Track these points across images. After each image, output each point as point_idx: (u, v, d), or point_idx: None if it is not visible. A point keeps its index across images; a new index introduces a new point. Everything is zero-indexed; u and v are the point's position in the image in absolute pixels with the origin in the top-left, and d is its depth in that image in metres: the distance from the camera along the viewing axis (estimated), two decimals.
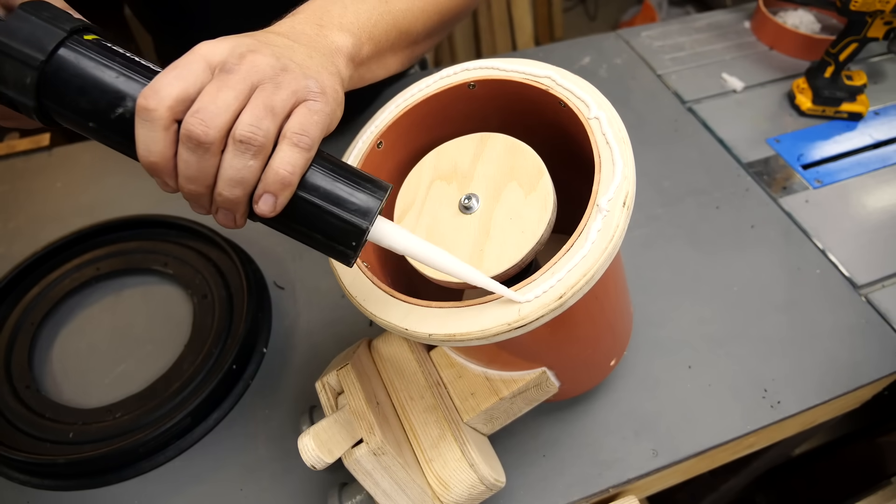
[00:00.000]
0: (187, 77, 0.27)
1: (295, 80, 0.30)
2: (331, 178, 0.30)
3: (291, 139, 0.28)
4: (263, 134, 0.28)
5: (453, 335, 0.31)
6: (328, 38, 0.36)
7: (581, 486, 0.48)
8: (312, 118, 0.29)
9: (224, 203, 0.29)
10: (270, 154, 0.28)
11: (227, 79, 0.28)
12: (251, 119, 0.27)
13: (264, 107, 0.28)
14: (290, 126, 0.29)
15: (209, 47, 0.29)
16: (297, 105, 0.30)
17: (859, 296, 0.59)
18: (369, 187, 0.30)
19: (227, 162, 0.28)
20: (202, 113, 0.27)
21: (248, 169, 0.28)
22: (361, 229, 0.29)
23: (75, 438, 0.51)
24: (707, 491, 0.87)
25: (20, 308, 0.61)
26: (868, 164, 0.72)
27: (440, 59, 1.95)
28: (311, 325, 0.60)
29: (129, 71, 0.28)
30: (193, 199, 0.30)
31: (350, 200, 0.29)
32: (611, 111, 0.34)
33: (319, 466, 0.39)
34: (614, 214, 0.30)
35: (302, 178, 0.29)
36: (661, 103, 0.81)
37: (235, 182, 0.28)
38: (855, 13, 0.68)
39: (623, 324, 0.47)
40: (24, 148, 0.80)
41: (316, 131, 0.29)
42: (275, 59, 0.30)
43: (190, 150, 0.27)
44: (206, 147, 0.27)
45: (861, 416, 0.67)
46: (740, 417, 0.51)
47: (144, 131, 0.27)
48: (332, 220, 0.29)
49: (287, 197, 0.29)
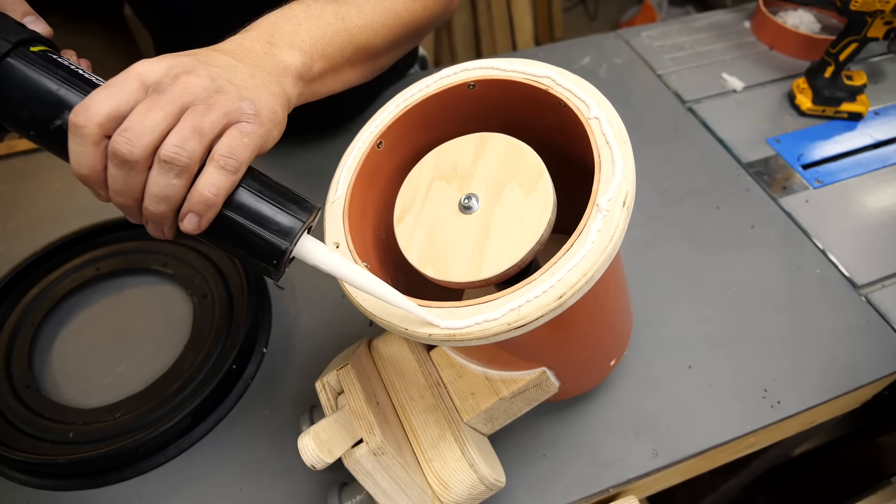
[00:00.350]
0: (119, 95, 0.28)
1: (228, 101, 0.30)
2: (257, 198, 0.31)
3: (218, 161, 0.29)
4: (188, 155, 0.28)
5: (453, 335, 0.31)
6: (277, 57, 0.37)
7: (581, 486, 0.48)
8: (242, 140, 0.30)
9: (151, 217, 0.30)
10: (198, 173, 0.29)
11: (158, 99, 0.28)
12: (177, 140, 0.28)
13: (192, 128, 0.29)
14: (219, 148, 0.29)
15: (146, 66, 0.30)
16: (229, 126, 0.30)
17: (859, 296, 0.59)
18: (294, 209, 0.31)
19: (152, 179, 0.29)
20: (129, 132, 0.28)
21: (172, 187, 0.29)
22: (281, 250, 0.30)
23: (75, 438, 0.51)
24: (707, 491, 0.87)
25: (20, 308, 0.61)
26: (868, 164, 0.72)
27: (440, 59, 1.95)
28: (310, 325, 0.60)
29: (69, 85, 0.29)
30: (124, 210, 0.31)
31: (274, 220, 0.30)
32: (611, 111, 0.34)
33: (319, 466, 0.39)
34: (614, 214, 0.30)
35: (229, 197, 0.30)
36: (661, 103, 0.81)
37: (160, 199, 0.29)
38: (855, 13, 0.68)
39: (623, 324, 0.47)
40: (24, 148, 0.80)
41: (244, 154, 0.30)
42: (209, 80, 0.30)
43: (117, 167, 0.28)
44: (132, 165, 0.28)
45: (861, 416, 0.67)
46: (740, 417, 0.51)
47: (75, 146, 0.28)
48: (255, 239, 0.30)
49: (211, 217, 0.30)
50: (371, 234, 0.40)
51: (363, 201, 0.39)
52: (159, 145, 0.28)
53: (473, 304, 0.31)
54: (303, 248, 0.32)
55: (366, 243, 0.39)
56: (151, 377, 0.56)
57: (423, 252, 0.35)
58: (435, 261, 0.34)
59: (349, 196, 0.38)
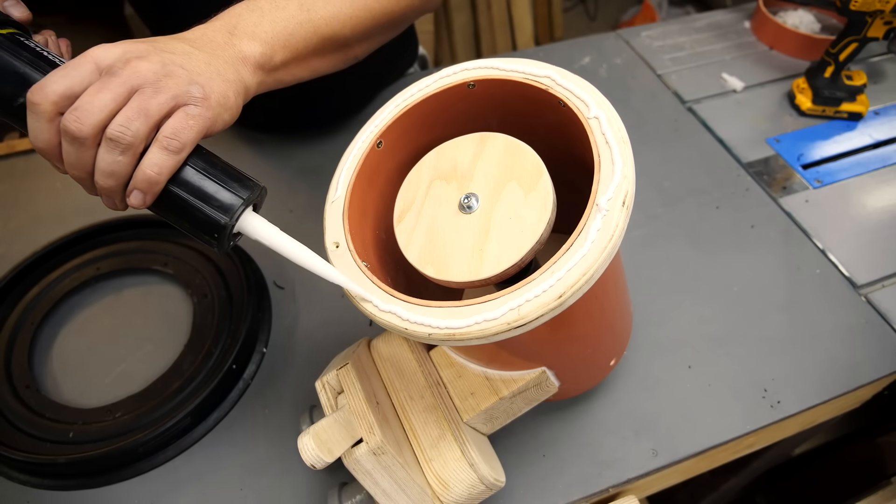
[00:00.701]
0: (74, 77, 0.31)
1: (177, 85, 0.32)
2: (202, 176, 0.33)
3: (162, 142, 0.31)
4: (132, 134, 0.31)
5: (453, 334, 0.31)
6: (236, 47, 0.38)
7: (581, 486, 0.48)
8: (188, 123, 0.32)
9: (102, 191, 0.33)
10: (145, 152, 0.32)
11: (109, 81, 0.31)
12: (123, 120, 0.30)
13: (138, 109, 0.31)
14: (164, 130, 0.32)
15: (101, 51, 0.32)
16: (176, 109, 0.32)
17: (859, 296, 0.59)
18: (235, 187, 0.33)
19: (100, 156, 0.31)
20: (79, 111, 0.30)
21: (118, 164, 0.31)
22: (220, 224, 0.33)
23: (75, 438, 0.52)
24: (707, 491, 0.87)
25: (20, 308, 0.61)
26: (868, 164, 0.72)
27: (440, 59, 1.95)
28: (310, 325, 0.60)
29: (31, 66, 0.32)
30: (79, 182, 0.33)
31: (215, 197, 0.33)
32: (610, 111, 0.34)
33: (319, 466, 0.39)
34: (614, 214, 0.30)
35: (176, 174, 0.33)
36: (660, 103, 0.81)
37: (107, 174, 0.32)
38: (855, 13, 0.68)
39: (623, 323, 0.47)
40: (24, 148, 0.80)
41: (189, 135, 0.32)
42: (160, 65, 0.32)
43: (68, 143, 0.31)
44: (81, 141, 0.31)
45: (861, 416, 0.67)
46: (740, 417, 0.51)
47: (32, 121, 0.31)
48: (198, 213, 0.33)
49: (155, 193, 0.32)
50: (371, 234, 0.40)
51: (363, 201, 0.39)
52: (108, 124, 0.31)
53: (473, 303, 0.31)
54: (246, 224, 0.34)
55: (366, 243, 0.39)
56: (151, 377, 0.56)
57: (423, 252, 0.35)
58: (435, 260, 0.34)
59: (349, 196, 0.38)
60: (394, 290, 0.34)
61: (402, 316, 0.32)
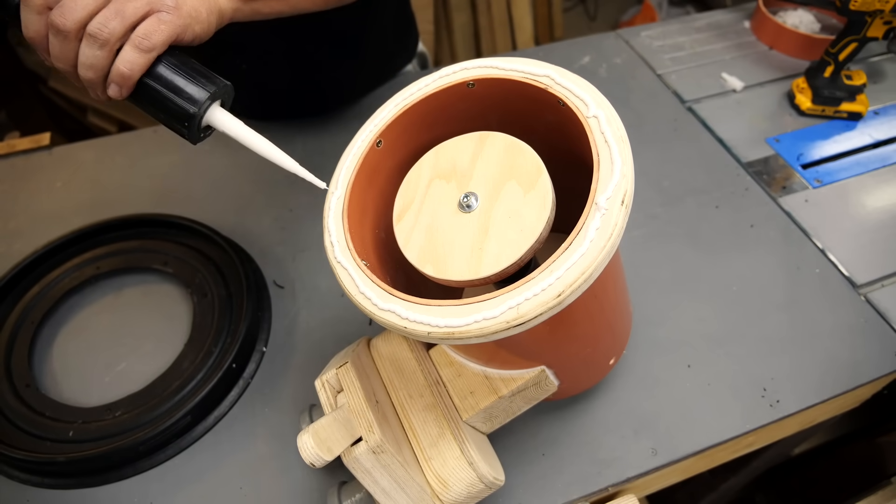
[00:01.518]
0: None
1: None
2: (173, 71, 0.37)
3: (134, 41, 0.36)
4: (109, 32, 0.35)
5: (452, 333, 0.31)
6: None
7: (580, 485, 0.48)
8: (159, 27, 0.36)
9: (84, 82, 0.37)
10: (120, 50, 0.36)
11: None
12: (101, 18, 0.35)
13: (115, 10, 0.35)
14: (137, 31, 0.36)
15: None
16: (150, 14, 0.36)
17: (859, 295, 0.59)
18: (203, 82, 0.38)
19: (81, 49, 0.36)
20: (63, 7, 0.35)
21: (97, 58, 0.36)
22: (190, 113, 0.37)
23: (75, 437, 0.52)
24: (706, 490, 0.87)
25: (20, 307, 0.61)
26: (867, 163, 0.72)
27: (440, 59, 1.95)
28: (310, 324, 0.60)
29: None
30: (65, 74, 0.38)
31: (185, 90, 0.37)
32: (609, 110, 0.34)
33: (319, 464, 0.39)
34: (613, 213, 0.30)
35: (152, 69, 0.37)
36: (660, 103, 0.81)
37: (88, 66, 0.36)
38: (854, 13, 0.68)
39: (622, 323, 0.47)
40: (24, 147, 0.80)
41: (159, 38, 0.36)
42: None
43: (53, 35, 0.35)
44: (65, 35, 0.35)
45: (861, 416, 0.67)
46: (739, 416, 0.51)
47: (24, 14, 0.36)
48: (170, 104, 0.37)
49: (130, 87, 0.37)
50: (370, 233, 0.40)
51: (362, 200, 0.39)
52: (89, 22, 0.35)
53: (472, 302, 0.31)
54: (213, 118, 0.38)
55: (365, 242, 0.39)
56: (151, 376, 0.56)
57: (423, 250, 0.35)
58: (434, 259, 0.34)
59: (348, 195, 0.38)
60: (393, 288, 0.34)
61: (401, 314, 0.32)
